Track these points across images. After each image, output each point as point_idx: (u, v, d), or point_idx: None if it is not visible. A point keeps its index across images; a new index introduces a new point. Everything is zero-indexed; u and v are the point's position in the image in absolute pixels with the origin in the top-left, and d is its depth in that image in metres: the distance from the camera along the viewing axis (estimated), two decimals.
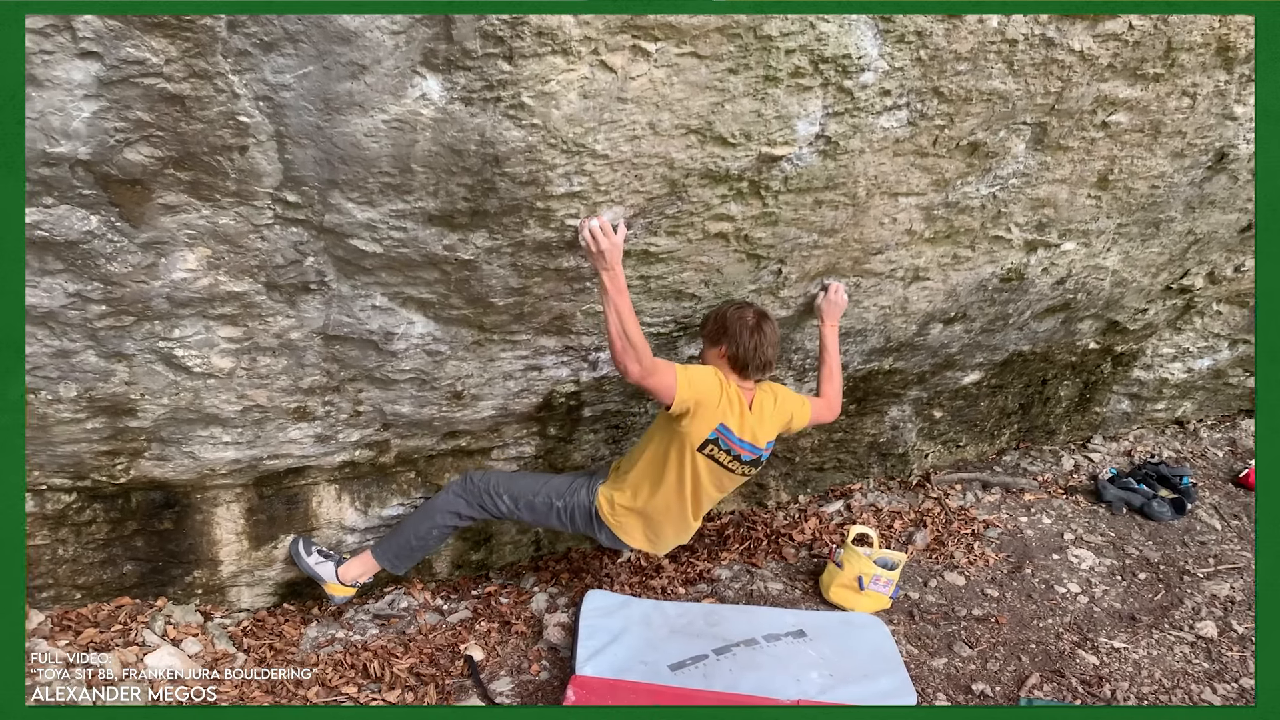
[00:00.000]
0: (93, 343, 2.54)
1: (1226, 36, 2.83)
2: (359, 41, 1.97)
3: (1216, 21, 2.77)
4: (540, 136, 2.27)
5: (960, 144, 2.92)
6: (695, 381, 3.00)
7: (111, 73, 1.92)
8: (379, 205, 2.38)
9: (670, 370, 2.94)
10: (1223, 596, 4.01)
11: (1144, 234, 3.85)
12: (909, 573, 4.11)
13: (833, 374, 3.54)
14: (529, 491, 3.36)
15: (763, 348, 3.08)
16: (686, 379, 2.97)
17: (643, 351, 2.80)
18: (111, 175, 2.13)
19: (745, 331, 3.06)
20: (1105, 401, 5.37)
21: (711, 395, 3.04)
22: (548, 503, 3.34)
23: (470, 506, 3.36)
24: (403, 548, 3.42)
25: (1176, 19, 2.70)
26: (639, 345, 2.78)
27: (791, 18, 2.25)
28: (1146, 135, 3.19)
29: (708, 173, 2.62)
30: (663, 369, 2.92)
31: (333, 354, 2.92)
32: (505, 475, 3.44)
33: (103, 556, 3.29)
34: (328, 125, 2.13)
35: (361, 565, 3.46)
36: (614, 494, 3.30)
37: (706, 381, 3.04)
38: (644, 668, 3.27)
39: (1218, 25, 2.78)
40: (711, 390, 3.05)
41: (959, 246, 3.51)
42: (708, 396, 3.03)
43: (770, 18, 2.22)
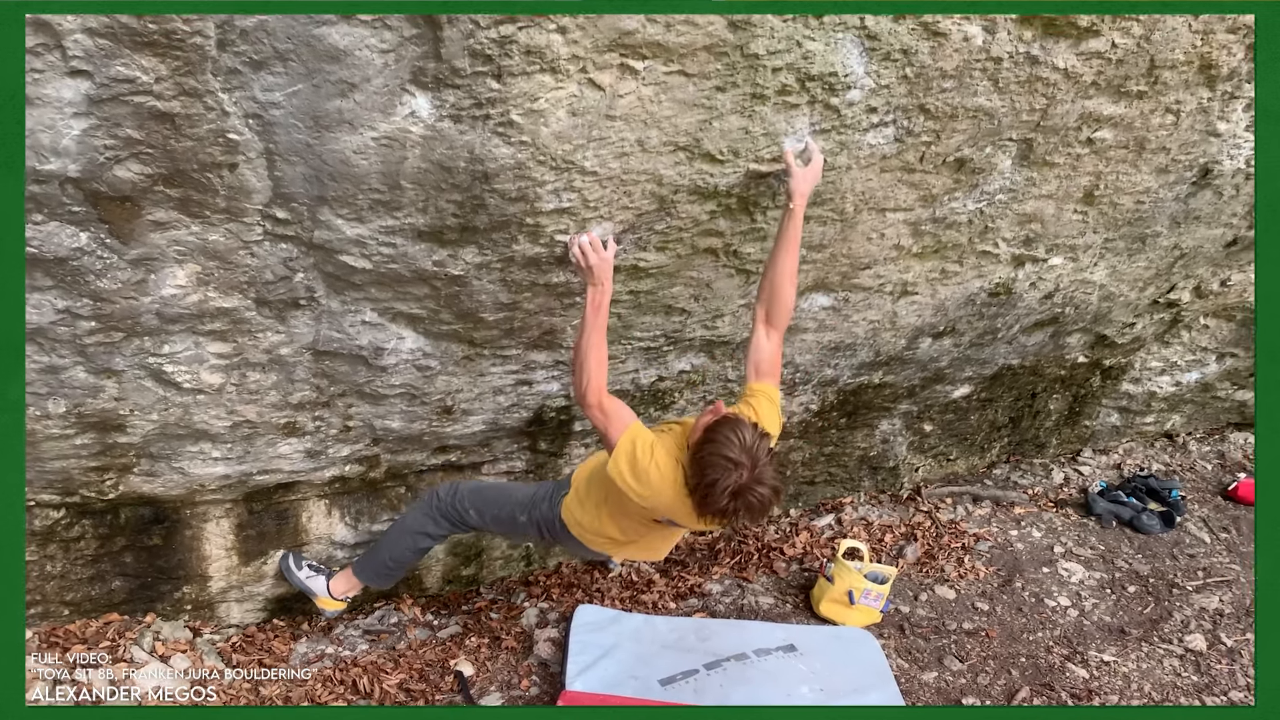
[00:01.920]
0: (82, 359, 2.54)
1: (1209, 55, 2.86)
2: (348, 60, 1.99)
3: (1199, 40, 2.81)
4: (529, 153, 2.29)
5: (947, 160, 2.95)
6: (641, 477, 2.58)
7: (102, 90, 1.93)
8: (368, 222, 2.39)
9: (620, 423, 2.61)
10: (1212, 609, 4.03)
11: (1130, 249, 3.88)
12: (899, 586, 4.12)
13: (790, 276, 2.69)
14: (494, 505, 3.20)
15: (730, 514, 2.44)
16: (630, 465, 2.57)
17: (594, 376, 2.59)
18: (101, 192, 2.13)
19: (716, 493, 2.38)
20: (1094, 415, 5.39)
21: (659, 499, 2.61)
22: (511, 516, 3.15)
23: (438, 525, 3.23)
24: (380, 566, 3.38)
25: (1159, 37, 2.73)
26: (593, 369, 2.59)
27: (778, 36, 2.27)
28: (1131, 151, 3.22)
29: (696, 189, 2.63)
30: (613, 415, 2.62)
31: (322, 369, 2.92)
32: (471, 488, 3.27)
33: (91, 573, 3.28)
34: (317, 142, 2.14)
35: (347, 581, 3.45)
36: (575, 510, 2.97)
37: (655, 487, 2.58)
38: (635, 683, 3.27)
39: (1200, 44, 2.81)
40: (659, 497, 2.60)
41: (947, 261, 3.53)
42: (650, 498, 2.61)
43: (756, 37, 2.24)
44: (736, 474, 2.36)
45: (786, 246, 2.68)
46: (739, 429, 2.42)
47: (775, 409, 2.74)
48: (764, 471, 2.39)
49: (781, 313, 2.75)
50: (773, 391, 2.77)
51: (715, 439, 2.43)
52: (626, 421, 2.63)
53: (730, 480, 2.36)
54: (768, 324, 2.76)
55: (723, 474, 2.36)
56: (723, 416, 2.51)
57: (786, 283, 2.71)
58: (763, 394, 2.74)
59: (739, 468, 2.36)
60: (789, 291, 2.73)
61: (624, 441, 2.60)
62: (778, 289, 2.72)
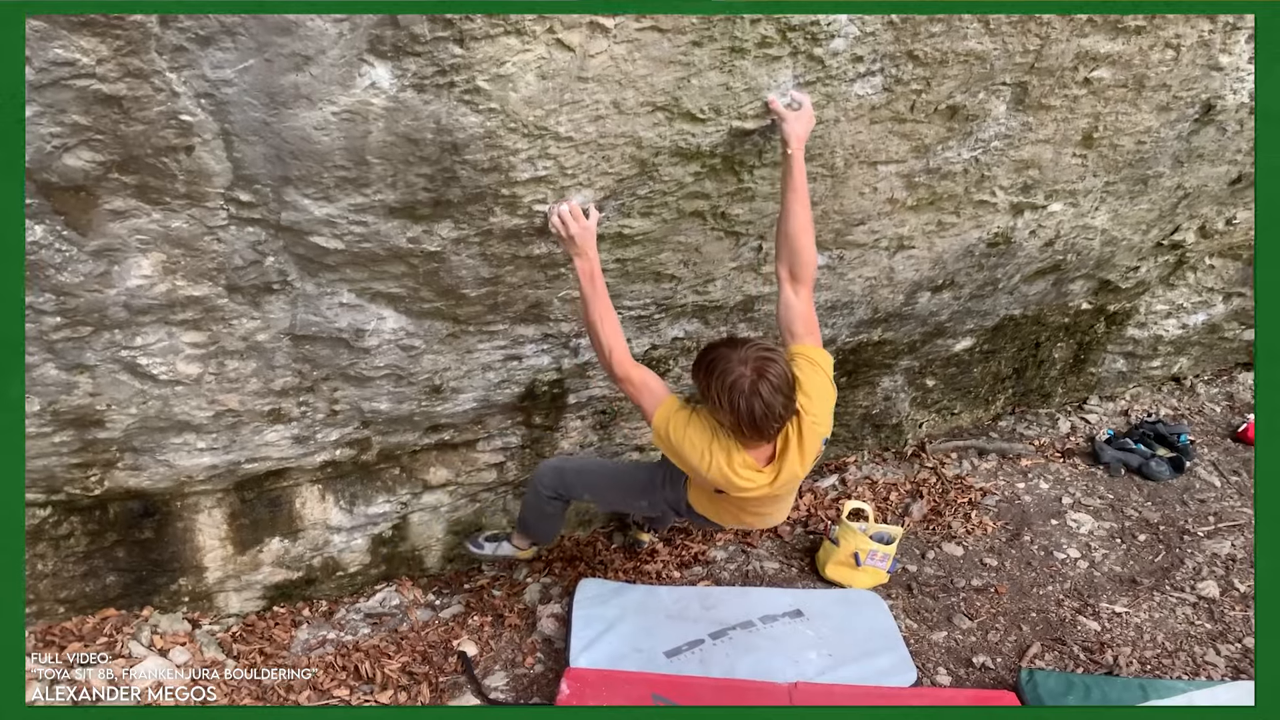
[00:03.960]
0: (51, 355, 2.47)
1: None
2: (300, 32, 1.88)
3: None
4: (499, 121, 2.19)
5: (938, 108, 2.84)
6: (676, 445, 2.51)
7: (41, 76, 1.83)
8: (336, 200, 2.30)
9: (652, 395, 2.55)
10: (1224, 555, 3.97)
11: (1132, 191, 3.77)
12: (906, 545, 4.06)
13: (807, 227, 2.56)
14: (609, 490, 3.26)
15: (771, 412, 2.34)
16: (666, 433, 2.51)
17: (613, 346, 2.55)
18: (52, 183, 2.04)
19: (741, 399, 2.32)
20: (1100, 362, 5.30)
21: (698, 465, 2.51)
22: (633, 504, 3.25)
23: (559, 500, 3.22)
24: (531, 529, 3.45)
25: None
26: (608, 339, 2.55)
27: None
28: (1130, 90, 3.10)
29: (678, 150, 2.53)
30: (640, 386, 2.55)
31: (303, 354, 2.84)
32: (575, 470, 3.27)
33: (84, 569, 3.23)
34: (275, 120, 2.04)
35: (520, 538, 3.54)
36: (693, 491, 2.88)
37: (690, 450, 2.50)
38: (639, 656, 3.23)
39: None
40: (697, 462, 2.51)
41: (943, 213, 3.43)
42: (689, 464, 2.55)
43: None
44: (740, 376, 2.31)
45: (795, 195, 2.53)
46: (729, 345, 2.40)
47: (818, 371, 2.56)
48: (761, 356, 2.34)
49: (805, 266, 2.59)
50: (814, 353, 2.59)
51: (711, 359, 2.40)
52: (658, 395, 2.55)
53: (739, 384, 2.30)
54: (793, 281, 2.61)
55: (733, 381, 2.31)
56: (709, 344, 2.52)
57: (802, 234, 2.56)
58: (802, 356, 2.56)
59: (740, 370, 2.31)
60: (806, 242, 2.57)
61: (658, 424, 2.53)
62: (795, 242, 2.57)
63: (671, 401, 2.55)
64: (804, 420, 2.48)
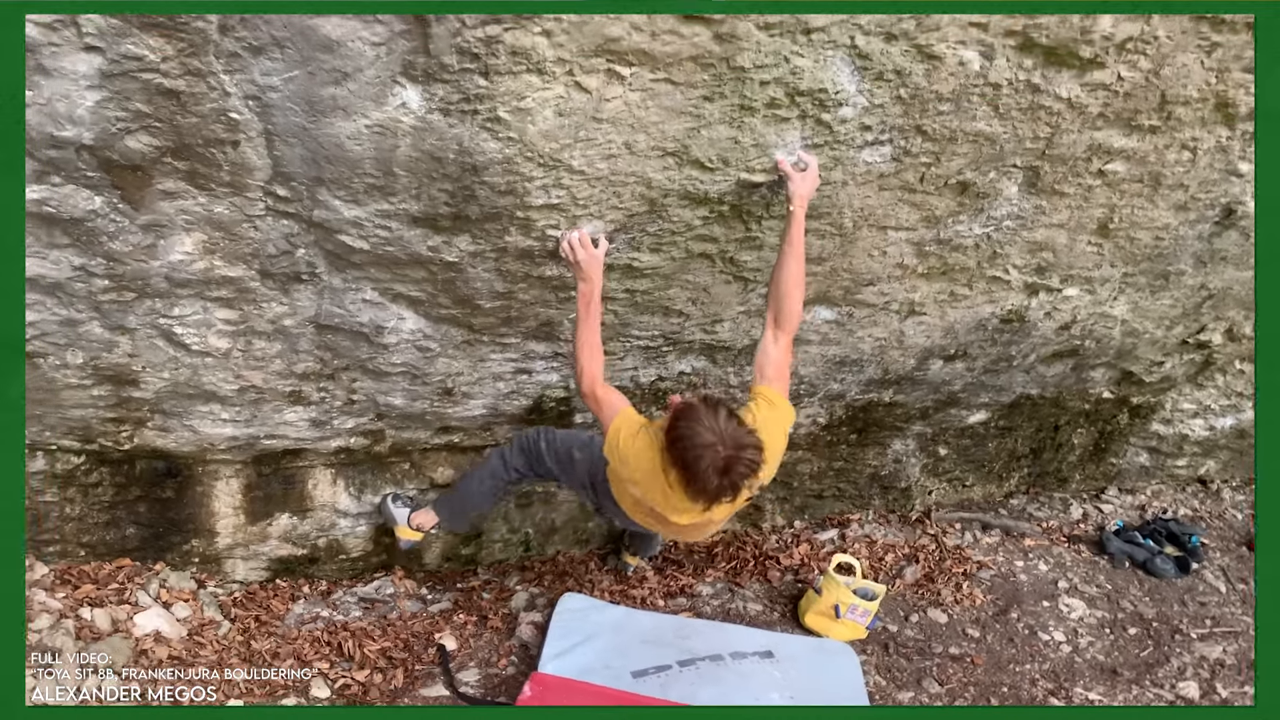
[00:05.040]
0: (97, 314, 2.72)
1: (1224, 93, 2.82)
2: (341, 50, 2.10)
3: (1214, 77, 2.77)
4: (517, 149, 2.38)
5: (949, 182, 2.96)
6: (623, 454, 2.66)
7: (113, 66, 2.08)
8: (364, 204, 2.51)
9: (612, 410, 2.70)
10: (1213, 659, 3.94)
11: (1153, 285, 3.82)
12: (892, 606, 4.11)
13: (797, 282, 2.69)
14: (563, 439, 3.24)
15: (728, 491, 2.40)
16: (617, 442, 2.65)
17: (590, 368, 2.70)
18: (113, 160, 2.29)
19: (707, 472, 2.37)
20: (1122, 453, 5.28)
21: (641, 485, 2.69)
22: (570, 453, 3.17)
23: (516, 463, 3.31)
24: (457, 504, 3.56)
25: (1169, 72, 2.70)
26: (587, 362, 2.70)
27: (765, 50, 2.31)
28: (1147, 186, 3.18)
29: (687, 194, 2.70)
30: (604, 403, 2.71)
31: (325, 342, 3.06)
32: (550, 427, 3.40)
33: (107, 518, 3.48)
34: (313, 126, 2.27)
35: (425, 516, 3.64)
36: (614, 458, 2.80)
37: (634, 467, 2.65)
38: (606, 672, 3.34)
39: (1214, 81, 2.77)
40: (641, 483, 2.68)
41: (955, 284, 3.53)
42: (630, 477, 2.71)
43: (742, 50, 2.29)
44: (713, 451, 2.34)
45: (790, 250, 2.68)
46: (707, 412, 2.41)
47: (776, 412, 2.67)
48: (742, 439, 2.38)
49: (789, 317, 2.73)
50: (778, 399, 2.70)
51: (684, 424, 2.42)
52: (617, 408, 2.70)
53: (709, 458, 2.34)
54: (776, 327, 2.74)
55: (703, 453, 2.35)
56: (686, 403, 2.49)
57: (791, 288, 2.70)
58: (762, 397, 2.69)
59: (715, 445, 2.35)
60: (794, 297, 2.71)
61: (612, 429, 2.68)
62: (783, 293, 2.71)
63: (629, 414, 2.69)
64: None
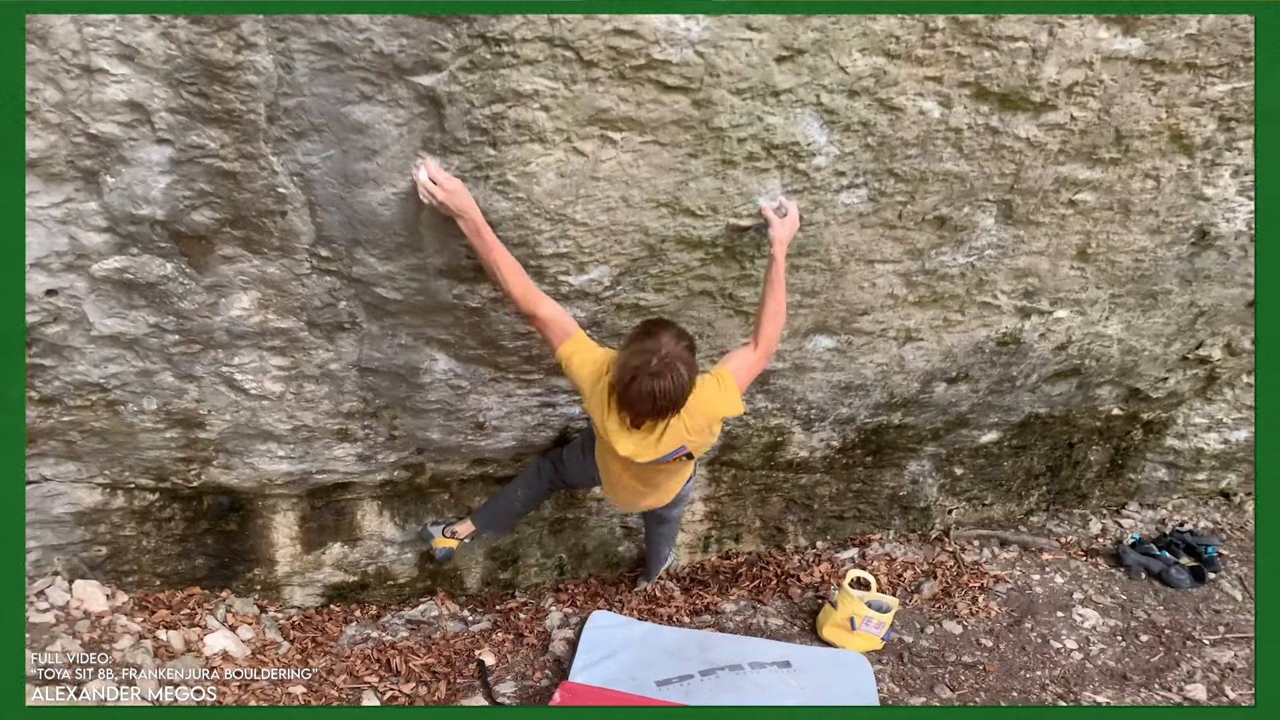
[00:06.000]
0: (169, 365, 3.11)
1: (1176, 125, 3.06)
2: (370, 131, 2.46)
3: (1164, 112, 3.01)
4: (526, 207, 2.72)
5: (926, 218, 3.23)
6: (574, 366, 2.90)
7: (180, 154, 2.47)
8: (396, 260, 2.86)
9: (561, 331, 2.85)
10: (1223, 663, 4.06)
11: (1143, 304, 4.02)
12: (908, 619, 4.31)
13: (775, 313, 2.99)
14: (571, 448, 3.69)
15: (644, 403, 2.74)
16: (569, 355, 2.87)
17: (514, 284, 2.72)
18: (182, 232, 2.68)
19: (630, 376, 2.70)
20: (1140, 469, 5.42)
21: (584, 387, 2.95)
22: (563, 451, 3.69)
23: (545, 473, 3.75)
24: (492, 513, 3.91)
25: (1119, 110, 2.96)
26: (509, 280, 2.71)
27: (739, 112, 2.63)
28: (1118, 213, 3.41)
29: (682, 239, 3.01)
30: (548, 321, 2.83)
31: (368, 384, 3.41)
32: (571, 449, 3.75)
33: (179, 550, 3.85)
34: (349, 196, 2.63)
35: (463, 526, 3.95)
36: None
37: (585, 374, 2.90)
38: (632, 682, 3.61)
39: (1165, 116, 3.02)
40: (584, 384, 2.93)
41: (948, 310, 3.77)
42: (579, 386, 2.97)
43: (719, 112, 2.61)
44: (648, 357, 2.68)
45: (769, 289, 2.99)
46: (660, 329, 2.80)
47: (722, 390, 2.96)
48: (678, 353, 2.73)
49: (765, 340, 3.02)
50: (729, 379, 2.99)
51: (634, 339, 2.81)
52: (568, 330, 2.87)
53: (642, 361, 2.68)
54: (754, 344, 3.04)
55: (639, 358, 2.70)
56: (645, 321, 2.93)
57: (769, 319, 3.00)
58: (718, 375, 3.00)
59: (651, 354, 2.69)
60: (772, 325, 3.01)
61: (562, 353, 2.89)
62: (763, 322, 3.01)
63: (580, 337, 2.89)
64: (673, 423, 2.90)
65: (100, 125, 2.38)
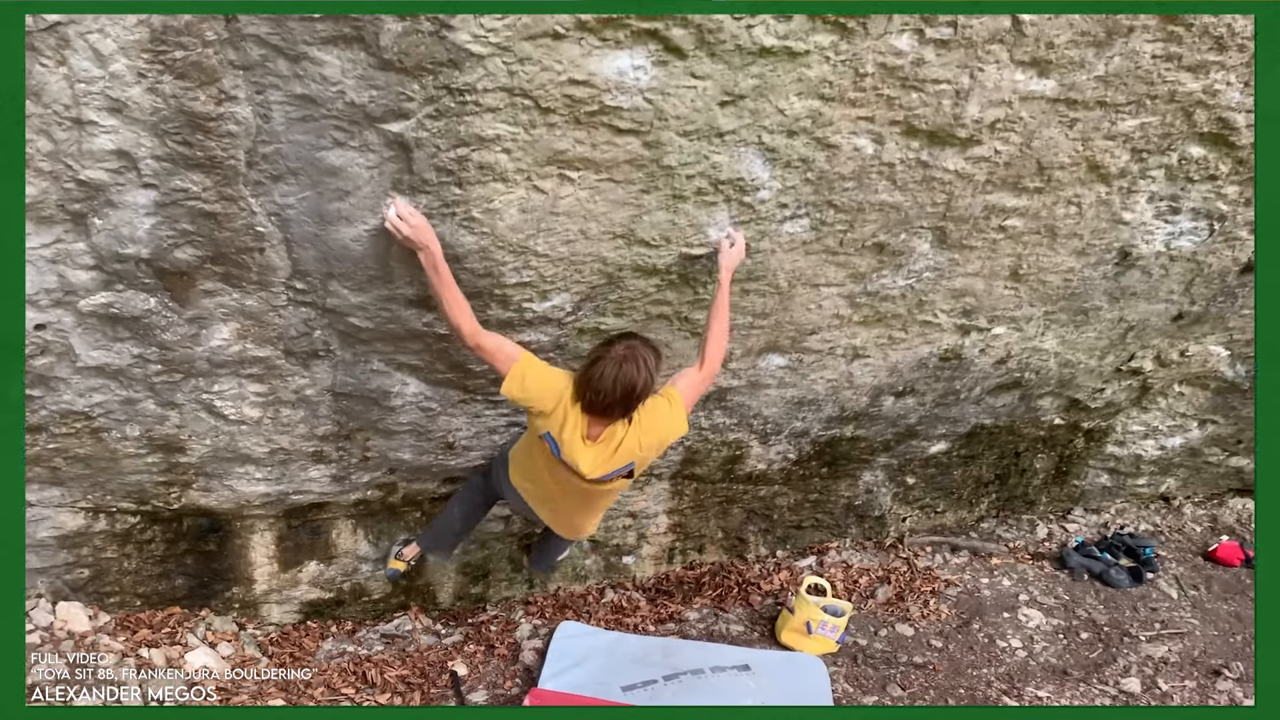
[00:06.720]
0: (151, 394, 3.26)
1: (1093, 158, 3.31)
2: (343, 174, 2.65)
3: (1080, 144, 3.26)
4: (490, 241, 2.91)
5: (866, 244, 3.46)
6: (529, 384, 2.96)
7: (165, 197, 2.64)
8: (368, 292, 3.04)
9: (506, 357, 2.95)
10: (1157, 657, 4.31)
11: (1075, 320, 4.28)
12: (863, 623, 4.52)
13: (719, 335, 3.17)
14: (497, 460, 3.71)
15: (608, 390, 2.89)
16: (520, 375, 2.95)
17: (462, 322, 2.84)
18: (165, 268, 2.85)
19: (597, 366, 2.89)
20: (1083, 475, 5.68)
21: (543, 402, 2.98)
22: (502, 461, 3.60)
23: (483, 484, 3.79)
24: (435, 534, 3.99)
25: (1039, 144, 3.20)
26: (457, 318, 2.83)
27: (687, 151, 2.84)
28: (1045, 236, 3.66)
29: (638, 267, 3.21)
30: (494, 351, 2.93)
31: (341, 408, 3.58)
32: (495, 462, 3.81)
33: (160, 570, 3.98)
34: (323, 233, 2.81)
35: (409, 549, 4.10)
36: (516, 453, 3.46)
37: (542, 387, 2.98)
38: (599, 687, 3.78)
39: (1081, 148, 3.27)
40: (544, 399, 2.98)
41: (891, 329, 4.00)
42: (538, 403, 2.99)
43: (668, 152, 2.82)
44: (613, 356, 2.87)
45: (714, 313, 3.19)
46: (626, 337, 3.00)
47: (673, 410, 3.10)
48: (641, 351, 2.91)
49: (709, 360, 3.19)
50: (678, 400, 3.13)
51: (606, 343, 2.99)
52: (513, 356, 2.97)
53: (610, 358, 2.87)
54: (700, 365, 3.21)
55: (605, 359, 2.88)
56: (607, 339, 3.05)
57: (711, 343, 3.18)
58: (669, 395, 3.14)
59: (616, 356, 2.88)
60: (717, 346, 3.19)
61: (514, 372, 2.96)
62: (708, 343, 3.19)
63: (528, 358, 3.00)
64: (629, 433, 3.03)
65: (89, 172, 2.55)
